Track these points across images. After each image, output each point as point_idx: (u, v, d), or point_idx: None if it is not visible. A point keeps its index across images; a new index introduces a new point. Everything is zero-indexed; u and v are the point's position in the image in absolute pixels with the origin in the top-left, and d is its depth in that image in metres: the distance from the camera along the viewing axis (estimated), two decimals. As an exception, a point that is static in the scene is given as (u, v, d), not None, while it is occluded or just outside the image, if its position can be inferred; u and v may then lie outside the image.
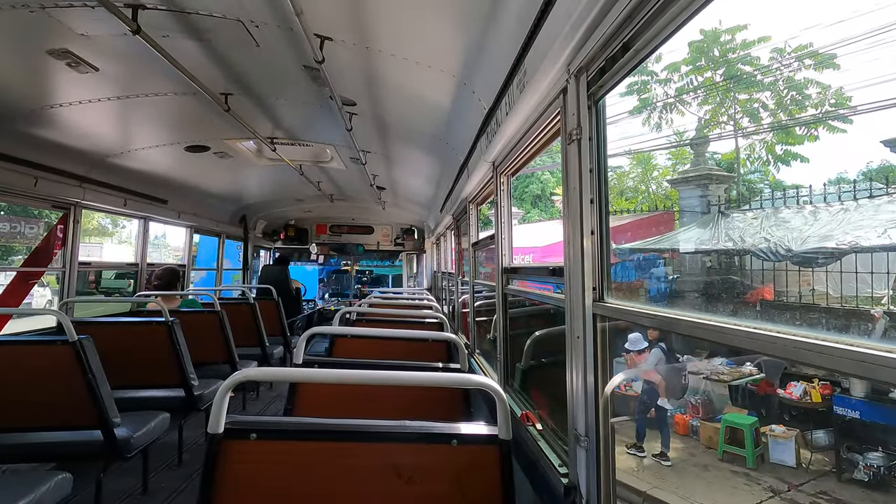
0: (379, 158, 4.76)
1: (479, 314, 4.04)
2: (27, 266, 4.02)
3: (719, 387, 6.23)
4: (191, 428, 4.16)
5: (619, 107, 16.54)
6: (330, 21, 2.24)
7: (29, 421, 2.74)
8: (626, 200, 18.12)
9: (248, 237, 7.75)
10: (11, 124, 3.10)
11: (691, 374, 6.33)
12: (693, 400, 6.13)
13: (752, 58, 14.52)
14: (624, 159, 18.90)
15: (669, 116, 15.88)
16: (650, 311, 1.19)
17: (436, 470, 1.34)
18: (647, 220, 11.64)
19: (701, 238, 9.27)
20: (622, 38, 1.15)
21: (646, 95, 16.24)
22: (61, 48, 2.43)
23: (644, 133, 23.29)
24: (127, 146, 3.93)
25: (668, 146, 16.66)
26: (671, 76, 15.63)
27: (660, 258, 10.33)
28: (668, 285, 10.16)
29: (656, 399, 5.91)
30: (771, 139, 13.98)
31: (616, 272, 10.24)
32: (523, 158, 2.32)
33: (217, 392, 1.28)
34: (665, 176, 17.00)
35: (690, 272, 9.92)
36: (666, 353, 6.50)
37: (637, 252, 10.28)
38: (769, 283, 8.51)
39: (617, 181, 18.69)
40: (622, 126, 35.82)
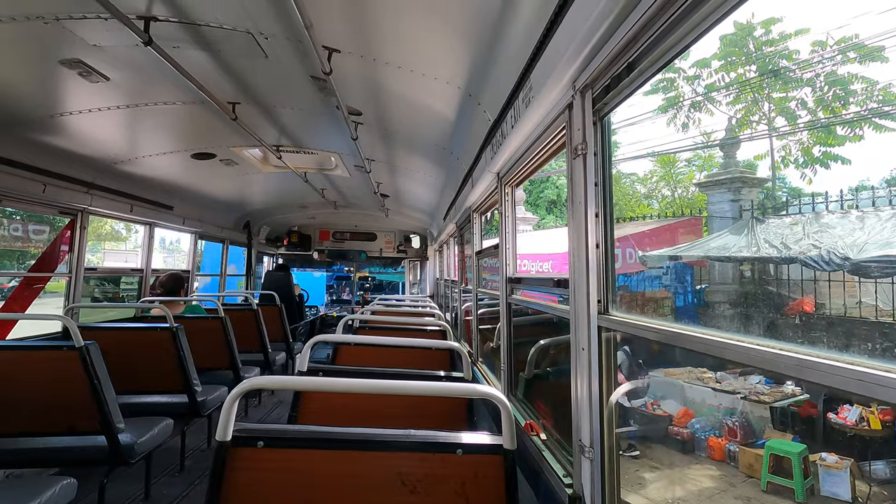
0: (383, 166, 4.80)
1: (482, 322, 4.05)
2: (34, 271, 4.04)
3: (759, 408, 5.70)
4: (193, 434, 4.17)
5: (639, 108, 15.76)
6: (338, 34, 2.27)
7: (34, 425, 2.75)
8: (647, 205, 17.17)
9: (252, 243, 7.78)
10: (23, 131, 3.14)
11: (725, 392, 5.94)
12: (730, 422, 5.59)
13: (789, 51, 13.27)
14: (646, 162, 17.85)
15: (697, 116, 14.74)
16: (654, 324, 1.21)
17: (440, 479, 1.35)
18: (673, 226, 10.79)
19: (734, 245, 8.52)
20: (627, 58, 1.18)
21: (672, 94, 15.06)
22: (74, 58, 2.47)
23: (667, 134, 22.48)
24: (134, 153, 3.98)
25: (695, 147, 15.68)
26: (700, 72, 14.41)
27: (688, 267, 9.74)
28: (696, 295, 9.62)
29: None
30: (808, 140, 12.77)
31: (638, 281, 9.83)
32: (528, 170, 2.34)
33: (225, 400, 1.30)
34: (691, 179, 16.16)
35: (721, 281, 9.26)
36: (629, 356, 6.36)
37: (662, 260, 9.63)
38: (809, 294, 7.88)
39: (639, 185, 17.70)
40: (643, 127, 33.42)
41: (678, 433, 5.76)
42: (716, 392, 6.01)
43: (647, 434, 5.86)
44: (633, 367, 6.47)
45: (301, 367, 2.13)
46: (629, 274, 9.82)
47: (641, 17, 1.04)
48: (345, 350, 2.83)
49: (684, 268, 9.72)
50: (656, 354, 6.68)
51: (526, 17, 1.64)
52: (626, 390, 5.42)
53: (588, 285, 1.42)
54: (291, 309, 7.09)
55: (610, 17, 1.10)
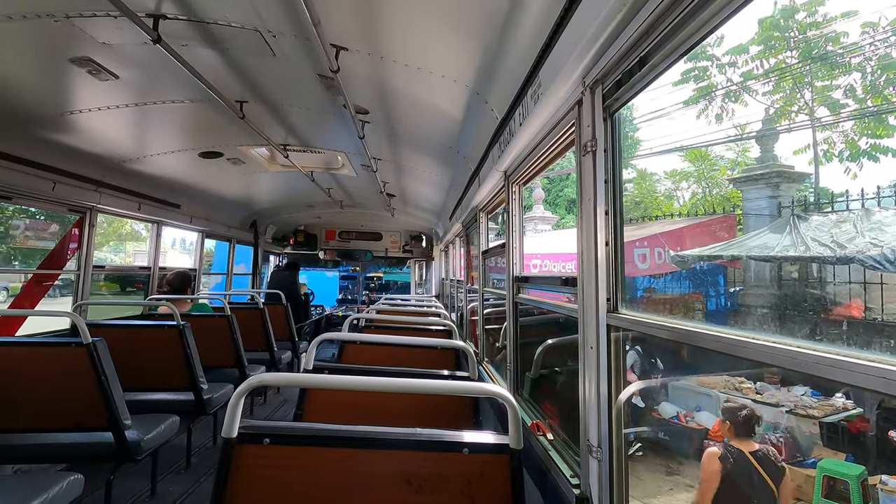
0: (389, 166, 4.80)
1: (487, 322, 4.03)
2: (43, 268, 4.07)
3: (806, 423, 5.20)
4: (199, 431, 4.18)
5: (666, 100, 14.81)
6: (346, 31, 2.27)
7: (42, 422, 2.77)
8: (673, 204, 16.16)
9: (259, 242, 7.81)
10: (33, 129, 3.17)
11: (766, 405, 5.45)
12: (773, 438, 5.08)
13: (836, 34, 11.84)
14: (674, 158, 16.69)
15: (731, 107, 13.39)
16: (665, 322, 1.19)
17: (446, 478, 1.34)
18: (704, 224, 10.12)
19: (777, 245, 7.90)
20: (639, 52, 1.16)
21: (704, 83, 13.80)
22: (83, 56, 2.48)
23: (698, 127, 21.11)
24: (143, 152, 4.00)
25: (728, 140, 14.53)
26: (735, 59, 13.06)
27: (720, 267, 9.13)
28: (728, 298, 9.07)
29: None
30: (854, 131, 11.46)
31: (666, 282, 9.35)
32: (536, 168, 2.33)
33: (231, 397, 1.30)
34: (723, 174, 14.97)
35: (757, 283, 8.59)
36: (640, 356, 6.04)
37: (693, 261, 8.93)
38: (857, 297, 7.29)
39: (667, 182, 16.64)
40: (671, 120, 31.54)
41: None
42: (756, 404, 5.44)
43: (680, 449, 5.43)
44: (650, 374, 6.16)
45: (307, 366, 2.13)
46: (658, 275, 9.33)
47: (654, 11, 1.03)
48: (350, 349, 2.83)
49: (716, 269, 9.17)
50: (683, 361, 6.26)
51: (535, 13, 1.63)
52: (635, 390, 5.07)
53: (597, 283, 1.41)
54: (297, 308, 7.11)
55: (622, 11, 1.09)
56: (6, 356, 2.70)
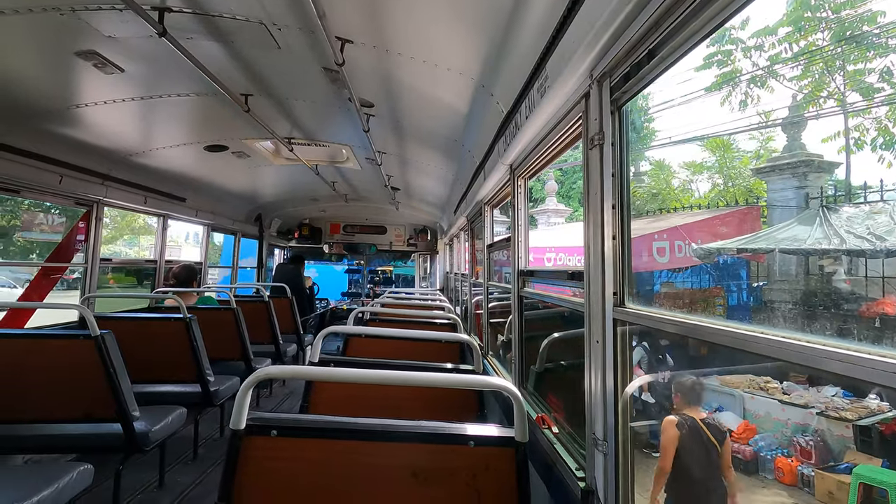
0: (394, 159, 4.79)
1: (492, 316, 4.04)
2: (51, 261, 4.11)
3: (838, 426, 4.89)
4: (206, 423, 4.22)
5: (686, 87, 13.90)
6: (351, 24, 2.26)
7: (52, 413, 2.80)
8: (692, 195, 15.43)
9: (264, 236, 7.83)
10: (39, 123, 3.18)
11: (795, 406, 5.18)
12: (802, 441, 4.82)
13: (872, 13, 10.89)
14: (693, 148, 16.04)
15: (756, 93, 12.47)
16: (671, 316, 1.19)
17: (451, 471, 1.35)
18: (726, 217, 9.65)
19: (808, 237, 7.50)
20: (648, 45, 1.15)
21: (727, 69, 12.90)
22: (89, 49, 2.48)
23: (720, 114, 19.69)
24: (148, 145, 4.01)
25: (751, 128, 13.66)
26: (762, 41, 12.06)
27: (742, 261, 8.71)
28: (752, 293, 8.68)
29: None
30: (888, 118, 10.70)
31: (684, 277, 9.05)
32: (542, 161, 2.32)
33: (237, 390, 1.31)
34: (746, 165, 14.26)
35: (783, 278, 8.15)
36: (647, 352, 5.95)
37: (715, 254, 8.58)
38: (890, 293, 6.82)
39: (685, 173, 15.81)
40: (690, 108, 29.69)
41: (739, 451, 5.00)
42: (783, 405, 5.23)
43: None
44: (661, 370, 5.94)
45: (313, 358, 2.14)
46: (678, 269, 9.01)
47: (665, 1, 1.02)
48: (355, 342, 2.85)
49: (739, 263, 8.76)
50: (701, 359, 5.99)
51: (542, 5, 1.62)
52: (641, 384, 4.78)
53: (604, 277, 1.41)
54: (302, 301, 7.14)
55: (631, 3, 1.08)
56: (16, 348, 2.73)
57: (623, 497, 1.36)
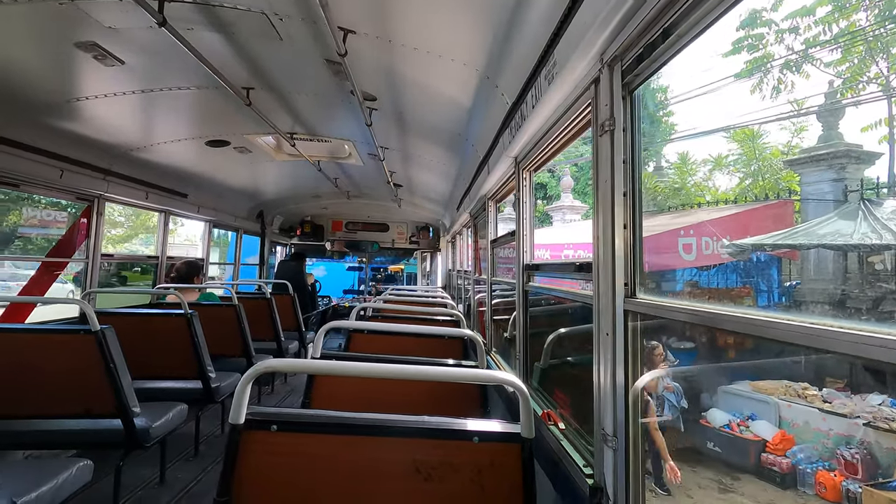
0: (397, 155, 4.76)
1: (496, 312, 4.00)
2: (51, 256, 4.09)
3: (887, 438, 4.45)
4: (207, 420, 4.20)
5: (711, 74, 12.70)
6: (353, 14, 2.23)
7: (52, 408, 2.78)
8: (717, 189, 14.57)
9: (265, 232, 7.82)
10: (39, 116, 3.15)
11: (837, 415, 4.75)
12: (847, 454, 4.41)
13: None
14: (719, 139, 15.33)
15: (790, 79, 11.59)
16: (685, 306, 1.15)
17: (455, 467, 1.33)
18: (756, 212, 9.10)
19: (849, 232, 6.95)
20: (663, 22, 1.11)
21: (758, 53, 12.07)
22: (89, 41, 2.45)
23: (750, 103, 18.85)
24: (149, 140, 3.98)
25: (783, 117, 12.68)
26: (797, 23, 11.27)
27: (773, 259, 8.19)
28: (783, 293, 8.26)
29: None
30: None
31: (710, 276, 8.66)
32: (548, 153, 2.28)
33: (238, 382, 1.28)
34: (776, 157, 13.41)
35: (819, 276, 7.61)
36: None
37: (745, 251, 8.04)
38: None
39: (709, 166, 15.02)
40: (716, 97, 27.56)
41: (774, 463, 4.60)
42: (824, 414, 4.82)
43: (732, 461, 4.82)
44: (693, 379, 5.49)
45: (314, 354, 2.12)
46: (704, 268, 8.58)
47: None
48: (358, 339, 2.82)
49: (769, 260, 8.30)
50: (731, 363, 5.68)
51: None
52: (652, 379, 4.33)
53: (614, 268, 1.37)
54: (304, 298, 7.12)
55: None
56: (16, 343, 2.71)
57: (634, 493, 1.33)
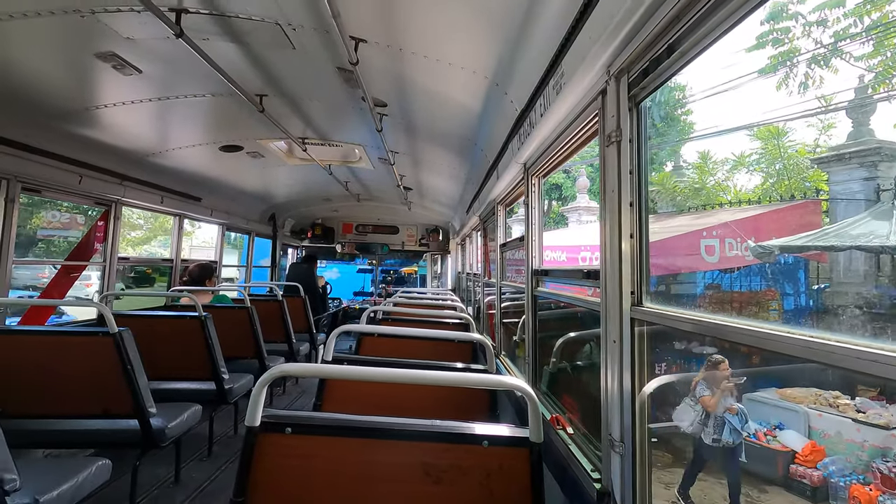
0: (407, 159, 4.80)
1: (505, 316, 4.02)
2: (70, 260, 4.19)
3: None
4: (220, 420, 4.26)
5: (734, 70, 11.82)
6: (365, 23, 2.27)
7: (71, 408, 2.85)
8: (739, 189, 13.97)
9: (277, 235, 7.90)
10: (60, 124, 3.24)
11: (873, 426, 4.52)
12: (884, 467, 4.17)
13: None
14: (741, 137, 14.67)
15: (818, 74, 11.04)
16: (690, 316, 1.17)
17: (465, 470, 1.34)
18: (781, 212, 8.79)
19: (885, 233, 6.55)
20: (668, 39, 1.13)
21: (784, 48, 11.43)
22: (108, 51, 2.52)
23: (775, 100, 17.46)
24: (165, 146, 4.06)
25: (809, 113, 12.19)
26: (826, 15, 10.64)
27: (800, 261, 7.89)
28: (811, 296, 7.97)
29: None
30: None
31: (732, 279, 8.36)
32: (556, 160, 2.30)
33: (250, 388, 1.32)
34: (802, 155, 12.94)
35: (851, 280, 7.27)
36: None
37: (778, 252, 7.59)
38: None
39: (735, 166, 14.49)
40: (739, 93, 24.74)
41: (804, 475, 4.38)
42: (858, 424, 4.59)
43: (759, 473, 4.61)
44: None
45: (326, 357, 2.15)
46: (726, 270, 8.30)
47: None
48: (368, 342, 2.85)
49: (796, 262, 7.99)
50: (757, 367, 5.42)
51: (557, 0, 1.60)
52: (659, 385, 4.32)
53: (621, 276, 1.39)
54: (315, 301, 7.18)
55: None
56: (38, 345, 2.79)
57: (640, 498, 1.34)
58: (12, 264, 3.19)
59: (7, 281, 3.18)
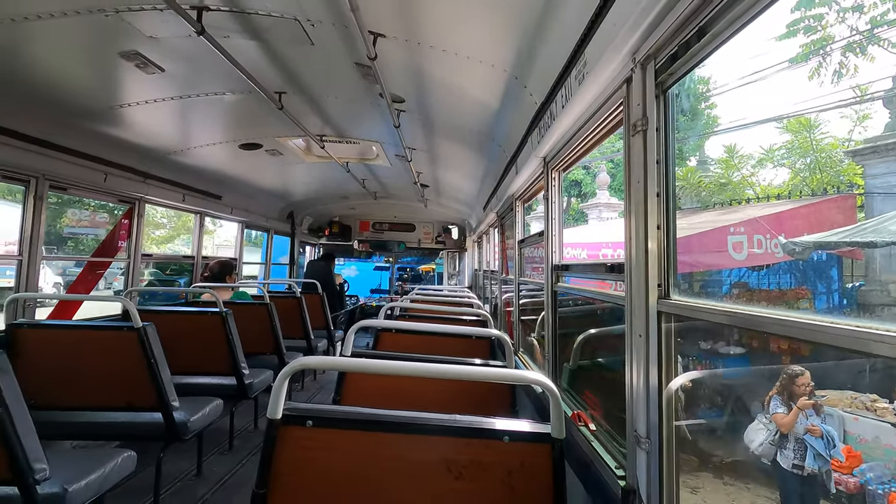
0: (424, 156, 4.79)
1: (523, 313, 3.99)
2: (96, 256, 4.28)
3: None
4: (240, 415, 4.32)
5: (762, 60, 11.12)
6: (383, 17, 2.26)
7: (97, 401, 2.92)
8: (767, 184, 13.68)
9: (295, 233, 7.98)
10: (85, 122, 3.31)
11: None
12: None
13: None
14: (770, 130, 14.51)
15: (853, 62, 10.50)
16: (721, 308, 1.13)
17: (486, 466, 1.33)
18: (814, 207, 8.47)
19: None
20: (698, 21, 1.09)
21: (817, 35, 11.00)
22: (132, 50, 2.56)
23: (806, 90, 16.58)
24: (187, 144, 4.12)
25: (843, 104, 11.67)
26: (862, 0, 10.18)
27: (833, 257, 7.63)
28: (845, 294, 7.74)
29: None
30: None
31: (761, 276, 8.13)
32: (579, 152, 2.26)
33: (270, 383, 1.32)
34: (835, 148, 12.53)
35: (887, 278, 7.00)
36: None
37: (811, 249, 7.36)
38: None
39: (763, 159, 14.04)
40: (768, 84, 24.20)
41: (840, 482, 4.20)
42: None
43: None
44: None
45: (345, 352, 2.16)
46: (756, 267, 8.01)
47: None
48: (386, 337, 2.85)
49: (828, 259, 7.71)
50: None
51: None
52: (686, 381, 3.91)
53: (647, 269, 1.35)
54: (332, 297, 7.24)
55: None
56: (67, 339, 2.86)
57: (668, 496, 1.31)
58: (42, 260, 3.27)
59: (37, 276, 3.26)
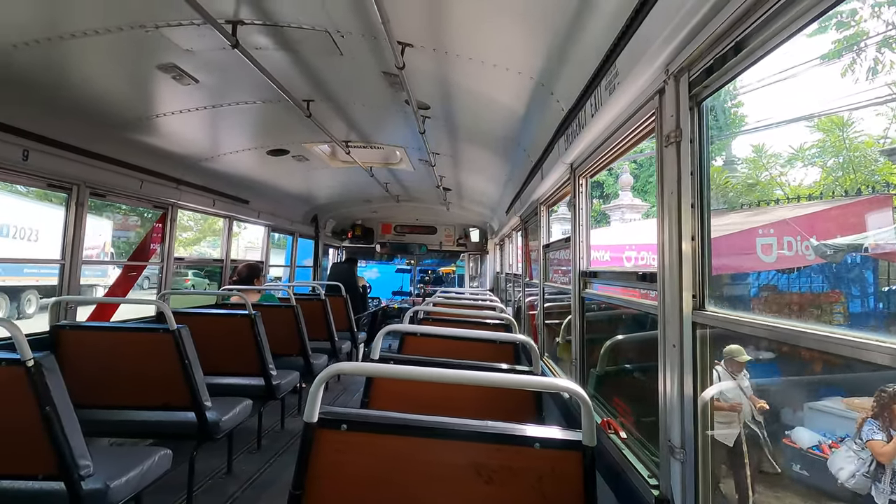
0: (447, 160, 4.82)
1: (548, 317, 3.98)
2: (132, 261, 4.44)
3: None
4: (267, 416, 4.41)
5: (792, 57, 10.97)
6: (412, 28, 2.30)
7: (135, 400, 3.02)
8: (798, 185, 13.04)
9: (319, 236, 8.09)
10: (123, 132, 3.44)
11: None
12: None
13: None
14: (801, 128, 13.95)
15: (887, 59, 10.07)
16: (759, 321, 1.12)
17: (516, 472, 1.34)
18: (848, 208, 8.26)
19: None
20: (735, 36, 1.09)
21: (849, 32, 10.67)
22: (169, 63, 2.66)
23: (840, 87, 16.56)
24: (217, 151, 4.24)
25: (878, 101, 11.04)
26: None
27: (869, 260, 7.37)
28: (881, 299, 7.45)
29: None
30: None
31: (791, 280, 7.80)
32: (606, 160, 2.26)
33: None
34: (869, 147, 11.96)
35: None
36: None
37: (844, 252, 7.12)
38: None
39: (793, 159, 13.39)
40: (798, 82, 23.31)
41: None
42: None
43: (823, 488, 4.24)
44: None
45: (373, 356, 2.19)
46: (787, 270, 7.84)
47: None
48: (411, 341, 2.88)
49: (863, 261, 7.44)
50: (820, 374, 4.86)
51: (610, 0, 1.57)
52: (720, 391, 3.61)
53: (681, 280, 1.35)
54: (355, 300, 7.31)
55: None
56: (106, 340, 2.97)
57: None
58: (82, 264, 3.41)
59: (78, 279, 3.40)
